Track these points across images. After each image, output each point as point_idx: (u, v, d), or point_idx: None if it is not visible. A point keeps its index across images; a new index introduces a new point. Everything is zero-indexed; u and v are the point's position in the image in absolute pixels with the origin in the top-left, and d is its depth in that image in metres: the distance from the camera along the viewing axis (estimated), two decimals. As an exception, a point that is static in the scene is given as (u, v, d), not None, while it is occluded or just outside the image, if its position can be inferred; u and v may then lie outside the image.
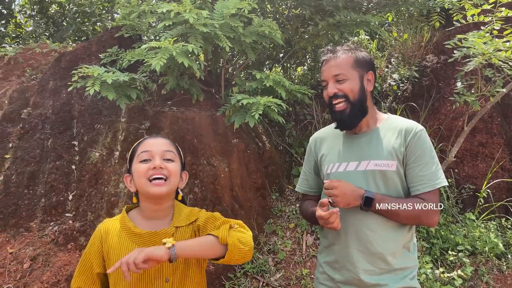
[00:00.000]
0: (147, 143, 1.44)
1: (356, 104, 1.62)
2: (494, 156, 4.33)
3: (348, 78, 1.62)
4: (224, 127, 3.68)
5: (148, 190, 1.36)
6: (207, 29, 3.19)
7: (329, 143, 1.76)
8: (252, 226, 3.50)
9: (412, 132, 1.60)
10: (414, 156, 1.58)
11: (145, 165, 1.37)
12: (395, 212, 1.53)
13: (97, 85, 3.05)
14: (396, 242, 1.58)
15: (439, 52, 4.88)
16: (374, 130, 1.67)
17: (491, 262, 3.45)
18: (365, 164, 1.61)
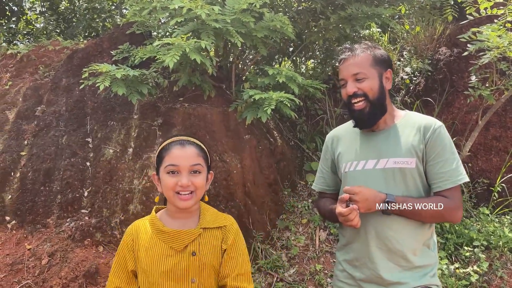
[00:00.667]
0: (175, 155, 1.40)
1: (375, 102, 1.62)
2: (508, 150, 4.28)
3: (368, 77, 1.61)
4: (235, 123, 3.69)
5: (175, 203, 1.41)
6: (219, 24, 3.18)
7: (346, 141, 1.75)
8: (265, 222, 3.52)
9: (431, 128, 1.59)
10: (434, 153, 1.57)
11: (173, 179, 1.39)
12: (417, 212, 1.53)
13: (107, 81, 3.07)
14: (416, 240, 1.58)
15: (452, 45, 4.82)
16: (392, 127, 1.66)
17: (505, 257, 3.43)
18: (384, 162, 1.60)
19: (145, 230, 1.46)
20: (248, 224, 3.36)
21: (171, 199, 1.41)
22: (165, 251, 1.41)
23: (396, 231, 1.57)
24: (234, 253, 1.47)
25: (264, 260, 3.23)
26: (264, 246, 3.32)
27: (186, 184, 1.37)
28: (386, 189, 1.57)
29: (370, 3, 4.30)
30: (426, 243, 1.61)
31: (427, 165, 1.58)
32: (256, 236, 3.34)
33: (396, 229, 1.57)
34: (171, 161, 1.40)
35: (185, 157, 1.39)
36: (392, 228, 1.57)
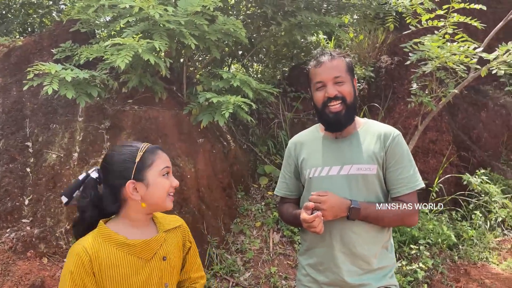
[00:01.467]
0: (165, 157, 1.43)
1: (350, 106, 1.66)
2: (443, 152, 4.62)
3: (345, 81, 1.66)
4: (189, 127, 3.62)
5: (166, 204, 1.40)
6: (172, 25, 3.11)
7: (310, 147, 1.78)
8: (220, 226, 3.49)
9: (390, 136, 1.67)
10: (394, 160, 1.64)
11: (168, 181, 1.40)
12: (380, 217, 1.60)
13: (55, 84, 2.88)
14: (377, 243, 1.65)
15: (392, 53, 5.12)
16: (354, 134, 1.71)
17: (444, 253, 3.69)
18: (348, 168, 1.65)
19: (104, 247, 1.32)
20: (203, 229, 3.31)
21: (163, 201, 1.39)
22: (135, 264, 1.35)
23: (359, 235, 1.62)
24: (195, 249, 1.58)
25: (220, 265, 3.20)
26: (219, 251, 3.28)
27: (178, 184, 1.44)
28: (349, 195, 1.62)
29: (318, 11, 4.44)
30: (385, 246, 1.68)
31: (386, 172, 1.66)
32: (211, 241, 3.29)
33: (359, 233, 1.62)
34: (164, 163, 1.41)
35: (169, 161, 1.45)
36: (355, 232, 1.62)
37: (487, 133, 5.21)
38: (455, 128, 5.05)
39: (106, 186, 1.39)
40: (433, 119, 4.60)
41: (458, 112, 5.20)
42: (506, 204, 4.18)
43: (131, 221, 1.40)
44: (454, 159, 4.59)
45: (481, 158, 4.87)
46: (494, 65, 3.13)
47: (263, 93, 3.67)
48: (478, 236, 3.92)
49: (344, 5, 4.52)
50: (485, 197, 4.22)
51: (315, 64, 1.69)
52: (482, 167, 4.68)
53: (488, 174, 4.57)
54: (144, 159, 1.37)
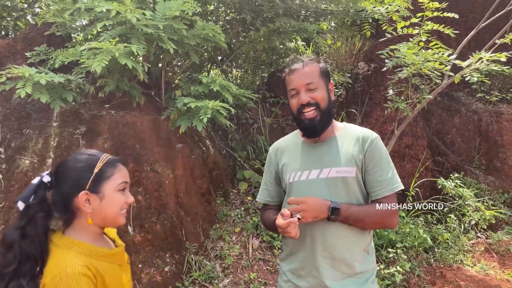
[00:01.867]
0: (124, 172, 1.36)
1: (325, 112, 1.68)
2: (418, 157, 4.72)
3: (318, 87, 1.67)
4: (167, 132, 3.59)
5: (118, 220, 1.34)
6: (150, 30, 3.08)
7: (290, 152, 1.79)
8: (198, 233, 3.45)
9: (369, 139, 1.69)
10: (372, 162, 1.66)
11: (123, 197, 1.34)
12: (360, 219, 1.60)
13: (28, 87, 2.80)
14: (358, 247, 1.65)
15: (369, 60, 5.22)
16: (333, 138, 1.73)
17: (421, 256, 3.75)
18: (327, 172, 1.66)
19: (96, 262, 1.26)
20: (181, 236, 3.27)
21: (116, 217, 1.32)
22: (119, 272, 1.34)
23: (340, 239, 1.62)
24: None
25: (198, 272, 3.16)
26: (198, 258, 3.24)
27: (133, 201, 1.38)
28: (329, 198, 1.63)
29: (297, 17, 4.49)
30: (366, 249, 1.70)
31: (365, 174, 1.67)
32: (189, 248, 3.25)
33: (340, 237, 1.63)
34: (123, 177, 1.34)
35: (128, 176, 1.40)
36: (336, 235, 1.62)
37: (460, 138, 5.35)
38: (430, 133, 5.17)
39: (58, 193, 1.29)
40: (409, 125, 4.71)
41: (432, 117, 5.33)
42: (479, 207, 4.29)
43: (90, 232, 1.32)
44: (429, 164, 4.69)
45: (454, 162, 5.00)
46: (467, 72, 3.22)
47: (243, 98, 3.67)
48: (453, 239, 4.01)
49: (322, 12, 4.58)
50: (459, 201, 4.32)
51: (288, 72, 1.71)
52: (456, 171, 4.80)
53: (462, 178, 4.69)
54: (102, 171, 1.30)
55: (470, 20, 5.93)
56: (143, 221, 3.11)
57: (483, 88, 5.69)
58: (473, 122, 5.40)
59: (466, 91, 5.87)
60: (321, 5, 4.54)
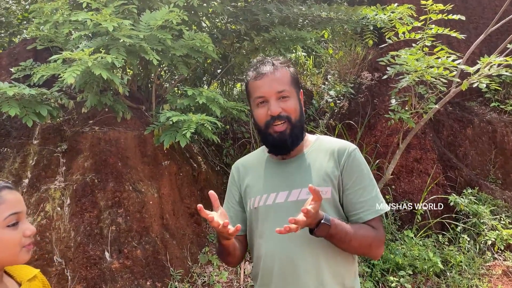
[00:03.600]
0: (12, 201, 1.12)
1: (297, 125, 1.42)
2: (428, 172, 4.39)
3: (290, 96, 1.42)
4: (153, 148, 3.37)
5: (20, 259, 1.12)
6: (131, 40, 2.89)
7: (254, 171, 1.52)
8: (185, 257, 3.19)
9: (345, 152, 1.43)
10: (351, 180, 1.40)
11: (17, 231, 1.10)
12: (348, 240, 1.32)
13: None
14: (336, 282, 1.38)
15: (373, 69, 4.95)
16: (304, 154, 1.47)
17: (431, 281, 3.41)
18: (297, 194, 1.40)
19: None
20: (166, 261, 3.01)
21: (16, 256, 1.10)
22: None
23: (312, 274, 1.36)
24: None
25: (183, 301, 2.89)
26: (183, 286, 2.98)
27: (33, 232, 1.14)
28: None
29: (294, 26, 4.27)
30: (348, 286, 1.41)
31: (344, 194, 1.41)
32: (173, 275, 2.99)
33: (312, 272, 1.36)
34: (12, 209, 1.10)
35: (22, 202, 1.16)
36: (308, 271, 1.36)
37: (473, 150, 5.01)
38: (440, 145, 4.85)
39: None
40: (417, 137, 4.40)
41: (443, 129, 5.01)
42: (496, 226, 3.93)
43: None
44: (440, 179, 4.36)
45: (468, 177, 4.65)
46: (475, 78, 2.93)
47: (233, 111, 3.44)
48: (467, 262, 3.66)
49: (321, 20, 4.36)
50: (473, 219, 3.97)
51: (255, 76, 1.43)
52: (469, 187, 4.45)
53: (476, 194, 4.34)
54: None
55: (480, 26, 5.63)
56: (122, 246, 2.86)
57: (497, 97, 5.35)
58: (487, 133, 5.05)
59: (479, 100, 5.53)
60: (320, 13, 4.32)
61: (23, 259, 1.12)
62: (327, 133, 4.23)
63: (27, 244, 1.12)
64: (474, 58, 3.96)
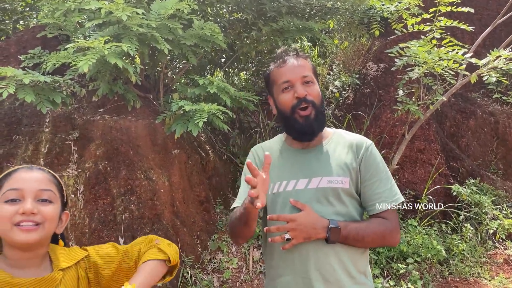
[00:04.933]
0: (18, 177, 1.13)
1: (320, 111, 1.48)
2: (432, 162, 4.46)
3: (314, 82, 1.49)
4: (163, 137, 3.41)
5: (13, 237, 1.08)
6: (143, 29, 2.91)
7: (274, 158, 1.55)
8: (195, 244, 3.26)
9: (363, 147, 1.49)
10: (369, 172, 1.46)
11: (12, 207, 1.08)
12: (360, 237, 1.39)
13: (11, 87, 2.65)
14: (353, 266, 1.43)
15: (378, 60, 4.98)
16: (323, 144, 1.53)
17: (435, 269, 3.50)
18: (317, 181, 1.45)
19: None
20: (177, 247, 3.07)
21: (7, 233, 1.09)
22: None
23: (331, 258, 1.41)
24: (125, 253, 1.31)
25: (194, 287, 2.96)
26: (194, 271, 3.05)
27: (30, 210, 1.08)
28: (320, 211, 1.42)
29: (301, 16, 4.28)
30: (362, 271, 1.47)
31: (362, 186, 1.47)
32: (185, 261, 3.06)
33: (334, 257, 1.41)
34: (12, 184, 1.10)
35: (31, 180, 1.13)
36: (330, 255, 1.41)
37: (476, 141, 5.07)
38: (443, 136, 4.91)
39: None
40: (421, 128, 4.45)
41: (446, 120, 5.06)
42: (497, 215, 4.02)
43: (10, 259, 1.13)
44: (443, 169, 4.43)
45: (470, 167, 4.72)
46: (485, 71, 2.97)
47: (243, 101, 3.48)
48: (469, 250, 3.75)
49: (328, 10, 4.37)
50: (475, 209, 4.05)
51: (280, 64, 1.50)
52: (471, 177, 4.53)
53: (478, 184, 4.42)
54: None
55: (484, 18, 5.66)
56: (135, 232, 2.92)
57: (499, 89, 5.40)
58: (489, 124, 5.12)
59: (481, 92, 5.58)
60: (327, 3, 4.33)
61: (18, 238, 1.08)
62: (335, 123, 4.28)
63: (22, 222, 1.08)
64: (478, 50, 4.00)
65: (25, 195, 1.10)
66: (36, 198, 1.11)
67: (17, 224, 1.08)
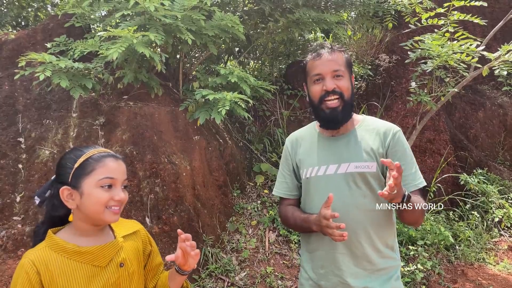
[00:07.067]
0: (111, 167, 1.28)
1: (348, 103, 1.60)
2: (441, 152, 4.59)
3: (344, 76, 1.60)
4: (184, 124, 3.57)
5: (105, 218, 1.27)
6: (169, 20, 3.05)
7: (306, 145, 1.71)
8: (215, 225, 3.44)
9: (391, 133, 1.61)
10: (396, 157, 1.57)
11: (107, 193, 1.25)
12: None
13: (48, 71, 2.81)
14: (381, 242, 1.59)
15: (390, 51, 5.09)
16: (352, 131, 1.66)
17: (441, 254, 3.66)
18: (345, 167, 1.59)
19: (53, 258, 1.25)
20: (198, 228, 3.26)
21: (100, 215, 1.26)
22: (88, 273, 1.27)
23: (361, 235, 1.56)
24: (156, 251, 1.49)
25: (215, 264, 3.15)
26: (214, 250, 3.23)
27: (124, 199, 1.28)
28: (349, 194, 1.57)
29: (317, 8, 4.39)
30: (390, 245, 1.62)
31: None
32: (206, 240, 3.24)
33: (361, 233, 1.57)
34: (107, 173, 1.26)
35: (121, 172, 1.30)
36: (356, 232, 1.56)
37: (484, 132, 5.19)
38: (452, 127, 5.03)
39: (54, 188, 1.30)
40: (431, 119, 4.58)
41: (456, 111, 5.18)
42: (503, 204, 4.16)
43: (79, 230, 1.30)
44: (451, 159, 4.56)
45: (478, 158, 4.85)
46: (496, 64, 3.09)
47: (260, 90, 3.62)
48: (475, 237, 3.90)
49: (343, 3, 4.48)
50: (482, 198, 4.19)
51: (314, 57, 1.62)
52: (479, 167, 4.66)
53: (485, 174, 4.55)
54: (83, 166, 1.26)
55: (496, 11, 5.72)
56: (161, 213, 3.10)
57: (509, 82, 5.49)
58: (498, 116, 5.23)
59: (491, 84, 5.68)
60: (342, -5, 4.43)
61: (108, 219, 1.26)
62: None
63: (113, 206, 1.25)
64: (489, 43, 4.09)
65: (117, 184, 1.27)
66: (121, 185, 1.29)
67: (109, 207, 1.26)
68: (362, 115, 1.75)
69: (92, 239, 1.31)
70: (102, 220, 1.27)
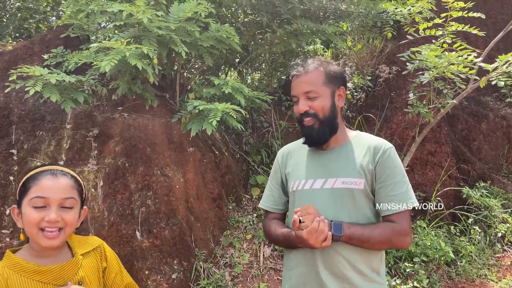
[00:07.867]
0: (44, 185, 1.22)
1: (325, 121, 1.56)
2: (442, 165, 4.50)
3: (319, 95, 1.55)
4: (179, 135, 3.53)
5: (39, 241, 1.21)
6: (162, 31, 3.03)
7: (296, 158, 1.68)
8: (208, 239, 3.37)
9: (381, 149, 1.55)
10: (384, 174, 1.52)
11: (38, 214, 1.19)
12: (366, 239, 1.46)
13: (38, 85, 2.79)
14: (365, 265, 1.52)
15: (390, 62, 5.03)
16: (342, 146, 1.61)
17: (442, 270, 3.55)
18: (332, 182, 1.54)
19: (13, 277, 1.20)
20: (190, 242, 3.19)
21: (34, 237, 1.21)
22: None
23: (343, 256, 1.49)
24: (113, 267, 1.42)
25: (207, 280, 3.08)
26: (206, 265, 3.16)
27: (55, 220, 1.19)
28: (334, 210, 1.51)
29: (315, 19, 4.36)
30: (375, 269, 1.55)
31: (377, 188, 1.53)
32: (198, 255, 3.18)
33: (343, 254, 1.50)
34: (39, 192, 1.20)
35: (56, 190, 1.22)
36: (340, 253, 1.49)
37: (487, 145, 5.09)
38: (455, 139, 4.94)
39: None
40: (432, 130, 4.50)
41: (458, 123, 5.09)
42: (506, 219, 4.05)
43: (34, 250, 1.25)
44: (453, 172, 4.47)
45: (481, 170, 4.75)
46: (494, 76, 3.03)
47: (256, 100, 3.58)
48: (477, 252, 3.79)
49: (342, 14, 4.44)
50: (484, 212, 4.09)
51: (291, 77, 1.63)
52: (482, 180, 4.56)
53: (488, 187, 4.45)
54: (24, 184, 1.23)
55: (499, 22, 5.66)
56: (152, 226, 3.05)
57: (512, 93, 5.40)
58: (501, 128, 5.13)
59: (494, 95, 5.59)
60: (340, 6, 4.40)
61: (42, 243, 1.19)
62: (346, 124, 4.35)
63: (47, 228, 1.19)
64: (491, 53, 4.03)
65: (50, 203, 1.21)
66: (59, 206, 1.23)
67: (43, 229, 1.20)
68: (356, 131, 1.71)
69: (51, 259, 1.26)
70: (39, 244, 1.22)
